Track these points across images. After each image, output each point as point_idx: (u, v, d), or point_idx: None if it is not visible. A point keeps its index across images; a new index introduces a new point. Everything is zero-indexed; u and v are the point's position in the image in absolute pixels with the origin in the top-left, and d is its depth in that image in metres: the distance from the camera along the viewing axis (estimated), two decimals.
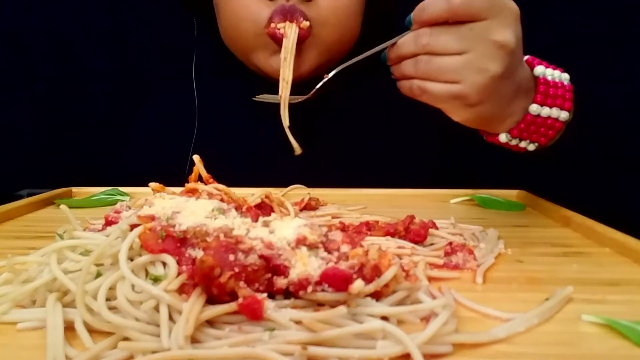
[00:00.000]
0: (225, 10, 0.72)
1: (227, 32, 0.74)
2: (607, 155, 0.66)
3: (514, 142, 0.56)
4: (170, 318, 0.30)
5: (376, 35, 0.77)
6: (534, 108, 0.53)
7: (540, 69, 0.54)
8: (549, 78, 0.54)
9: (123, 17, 0.93)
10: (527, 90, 0.53)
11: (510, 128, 0.54)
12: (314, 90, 0.59)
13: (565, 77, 0.56)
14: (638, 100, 0.84)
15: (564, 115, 0.54)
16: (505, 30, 0.47)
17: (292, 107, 0.65)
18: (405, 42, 0.50)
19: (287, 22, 0.67)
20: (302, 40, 0.68)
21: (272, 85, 0.73)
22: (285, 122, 0.63)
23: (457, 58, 0.47)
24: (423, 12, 0.48)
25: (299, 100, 0.62)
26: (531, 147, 0.56)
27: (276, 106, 0.65)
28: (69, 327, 0.31)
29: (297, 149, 0.62)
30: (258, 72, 0.76)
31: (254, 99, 0.63)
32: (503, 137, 0.55)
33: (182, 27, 0.86)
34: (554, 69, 0.55)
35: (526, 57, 0.55)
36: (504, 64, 0.47)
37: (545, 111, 0.53)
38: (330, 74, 0.57)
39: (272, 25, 0.67)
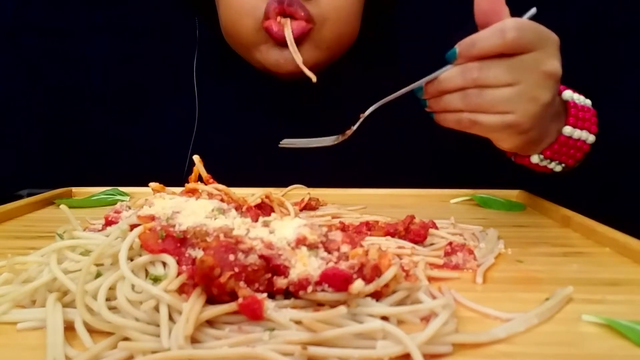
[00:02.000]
0: (224, 6, 0.72)
1: (227, 28, 0.74)
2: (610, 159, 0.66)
3: (544, 163, 0.58)
4: (170, 318, 0.30)
5: (375, 33, 0.76)
6: (568, 130, 0.55)
7: (568, 93, 0.57)
8: (577, 102, 0.57)
9: (124, 18, 0.93)
10: (559, 114, 0.56)
11: (543, 149, 0.57)
12: (351, 130, 0.57)
13: (588, 102, 0.58)
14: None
15: (591, 138, 0.57)
16: (553, 60, 0.49)
17: (292, 107, 0.65)
18: (451, 76, 0.50)
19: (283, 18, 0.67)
20: (302, 37, 0.68)
21: (273, 84, 0.72)
22: (299, 59, 0.67)
23: (508, 89, 0.49)
24: (473, 47, 0.49)
25: (333, 143, 0.60)
26: (558, 168, 0.59)
27: (278, 110, 0.65)
28: (69, 327, 0.31)
29: (313, 78, 0.65)
30: (260, 69, 0.75)
31: (280, 145, 0.62)
32: (535, 159, 0.57)
33: (182, 27, 0.86)
34: (579, 93, 0.58)
35: None
36: (553, 91, 0.50)
37: (577, 133, 0.56)
38: (367, 112, 0.56)
39: (268, 21, 0.67)
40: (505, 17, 0.49)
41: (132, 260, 0.34)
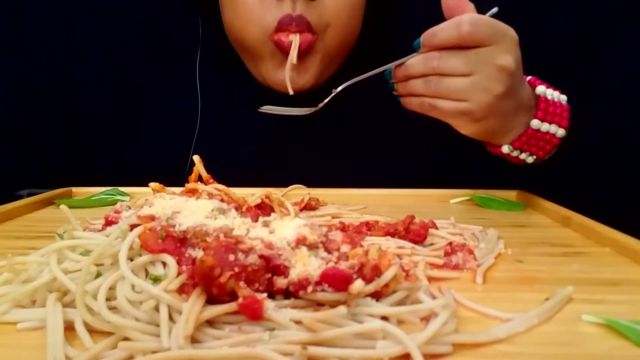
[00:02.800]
0: (230, 11, 0.71)
1: (233, 33, 0.74)
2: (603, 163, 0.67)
3: (515, 154, 0.61)
4: (170, 318, 0.30)
5: (375, 39, 0.77)
6: (535, 123, 0.58)
7: (541, 89, 0.59)
8: (549, 97, 0.59)
9: (125, 16, 0.93)
10: (529, 108, 0.59)
11: (512, 140, 0.59)
12: (322, 103, 0.62)
13: (563, 98, 0.61)
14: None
15: (560, 132, 0.59)
16: (507, 55, 0.52)
17: (294, 107, 0.65)
18: (415, 63, 0.55)
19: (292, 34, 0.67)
20: (308, 49, 0.68)
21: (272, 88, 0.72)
22: (294, 59, 0.67)
23: (464, 79, 0.52)
24: (433, 37, 0.53)
25: (306, 113, 0.63)
26: (530, 159, 0.62)
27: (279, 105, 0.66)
28: (69, 327, 0.31)
29: (290, 91, 0.67)
30: (260, 80, 0.76)
31: (260, 110, 0.65)
32: (505, 149, 0.61)
33: (184, 26, 0.86)
34: (553, 89, 0.60)
35: (529, 78, 0.60)
36: (506, 84, 0.53)
37: (545, 127, 0.58)
38: (339, 88, 0.59)
39: (278, 34, 0.67)
40: (468, 12, 0.52)
41: (132, 260, 0.34)
